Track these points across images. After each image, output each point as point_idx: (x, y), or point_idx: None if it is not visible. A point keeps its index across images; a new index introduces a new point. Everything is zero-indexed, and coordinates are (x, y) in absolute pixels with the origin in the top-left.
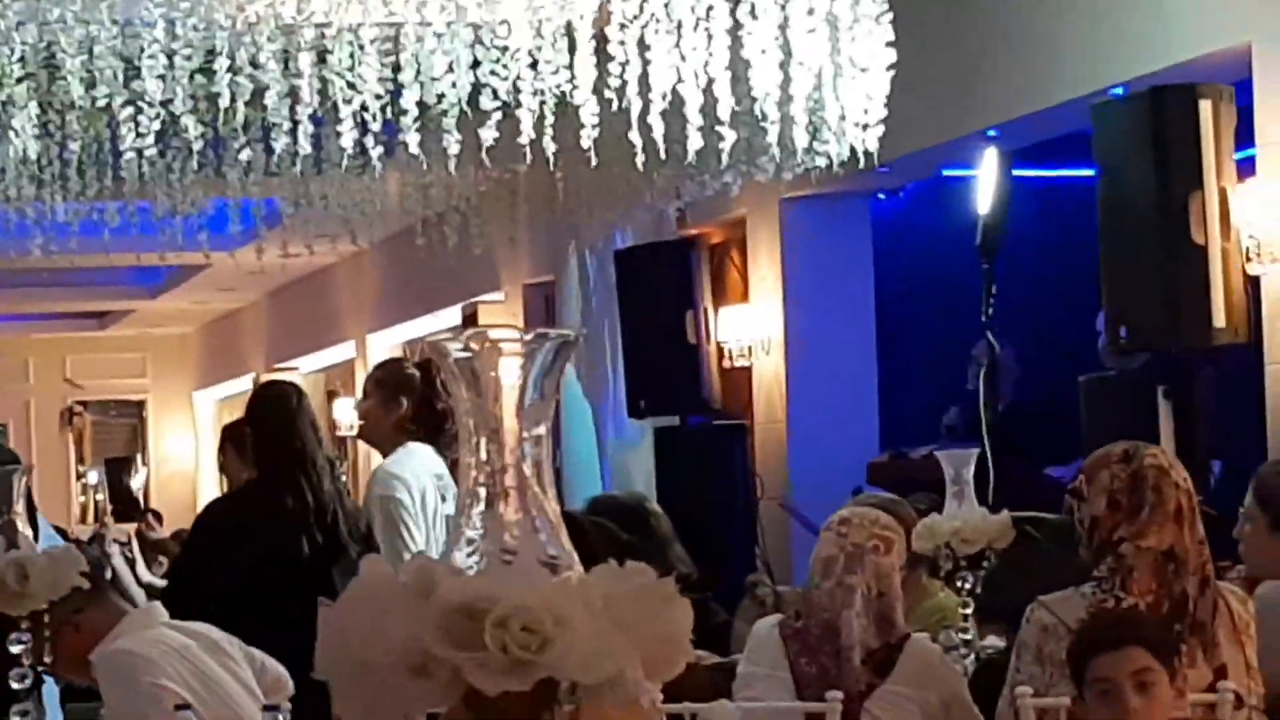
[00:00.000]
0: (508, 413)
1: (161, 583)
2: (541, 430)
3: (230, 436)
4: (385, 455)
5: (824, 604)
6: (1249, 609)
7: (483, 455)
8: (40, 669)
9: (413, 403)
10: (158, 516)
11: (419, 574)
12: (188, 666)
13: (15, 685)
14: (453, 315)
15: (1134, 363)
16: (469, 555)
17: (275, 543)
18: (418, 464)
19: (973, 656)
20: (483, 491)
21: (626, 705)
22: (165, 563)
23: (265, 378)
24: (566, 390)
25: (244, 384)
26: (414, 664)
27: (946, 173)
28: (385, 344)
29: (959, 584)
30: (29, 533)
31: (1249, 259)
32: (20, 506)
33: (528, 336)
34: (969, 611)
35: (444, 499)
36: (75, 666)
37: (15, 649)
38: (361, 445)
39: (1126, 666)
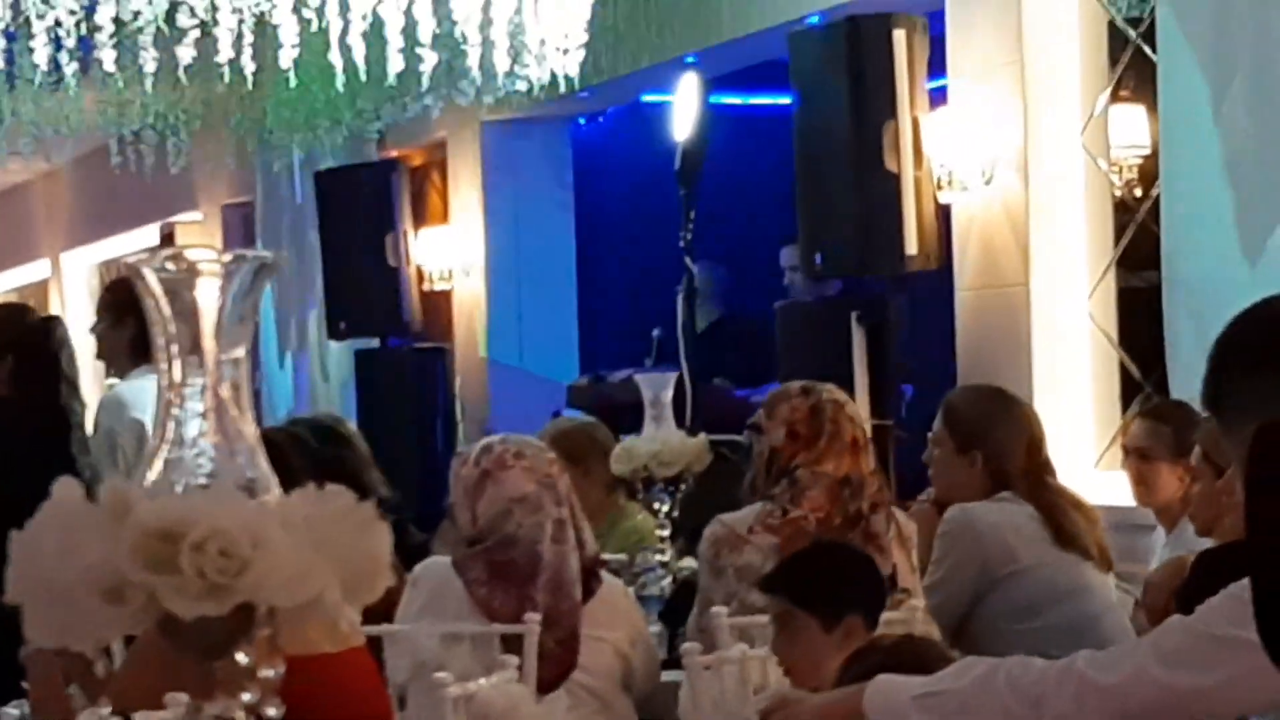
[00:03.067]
0: (206, 334)
1: None
2: (240, 353)
3: None
4: (121, 379)
5: (533, 538)
6: (910, 523)
7: (180, 377)
8: None
9: (139, 324)
10: None
11: (114, 496)
12: None
13: None
14: (150, 235)
15: (828, 290)
16: (166, 478)
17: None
18: (140, 395)
19: (670, 578)
20: (180, 414)
21: (326, 628)
22: None
23: None
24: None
25: None
26: (108, 588)
27: (646, 98)
28: (80, 263)
29: (656, 506)
30: None
31: (940, 187)
32: None
33: (226, 257)
34: (666, 534)
35: None
36: None
37: None
38: None
39: (772, 608)
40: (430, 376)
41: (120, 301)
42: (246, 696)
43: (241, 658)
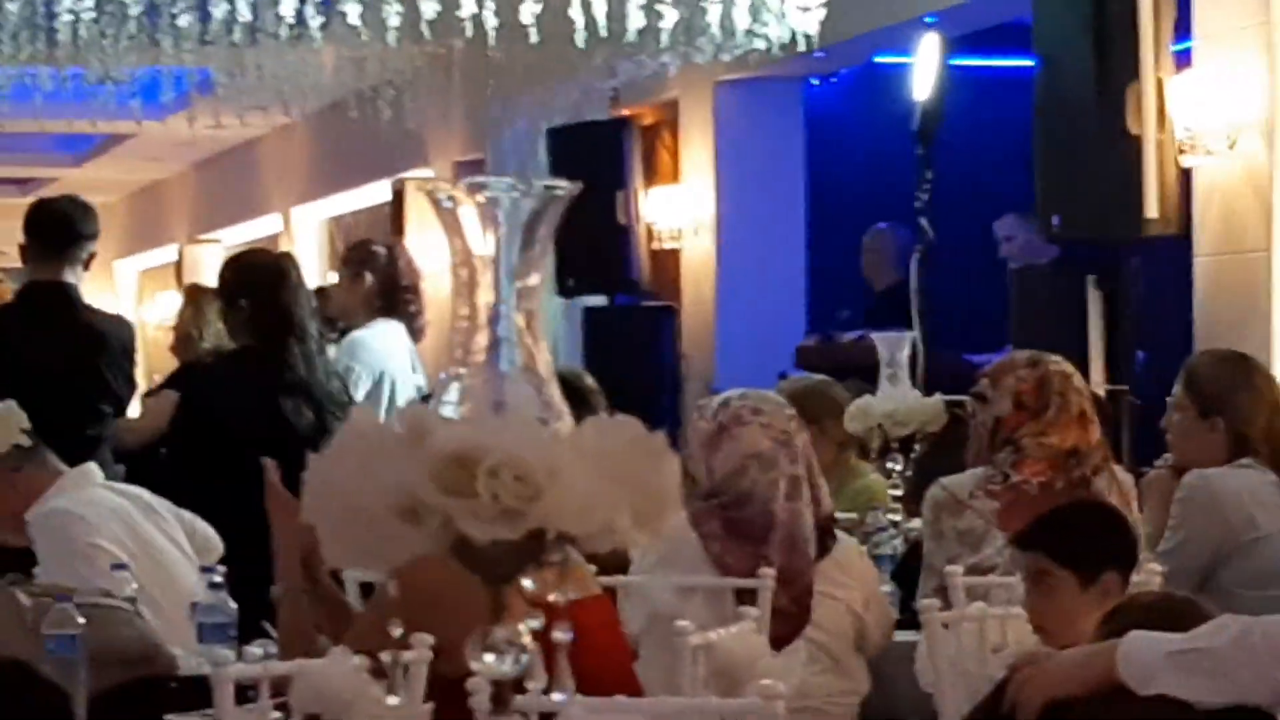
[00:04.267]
0: (500, 262)
1: None
2: (534, 280)
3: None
4: (355, 330)
5: (767, 495)
6: (1128, 478)
7: (474, 305)
8: None
9: (377, 279)
10: None
11: (412, 421)
12: (123, 527)
13: None
14: (381, 190)
15: (1047, 255)
16: (460, 405)
17: (273, 414)
18: (386, 339)
19: (901, 538)
20: (475, 341)
21: (571, 571)
22: None
23: (189, 249)
24: None
25: (167, 254)
26: (403, 509)
27: (879, 59)
28: (311, 217)
29: (889, 466)
30: None
31: (1182, 151)
32: None
33: (518, 185)
34: (899, 493)
35: (414, 370)
36: (11, 525)
37: None
38: None
39: (1028, 567)
40: (657, 335)
41: (356, 258)
42: (534, 622)
43: (529, 584)
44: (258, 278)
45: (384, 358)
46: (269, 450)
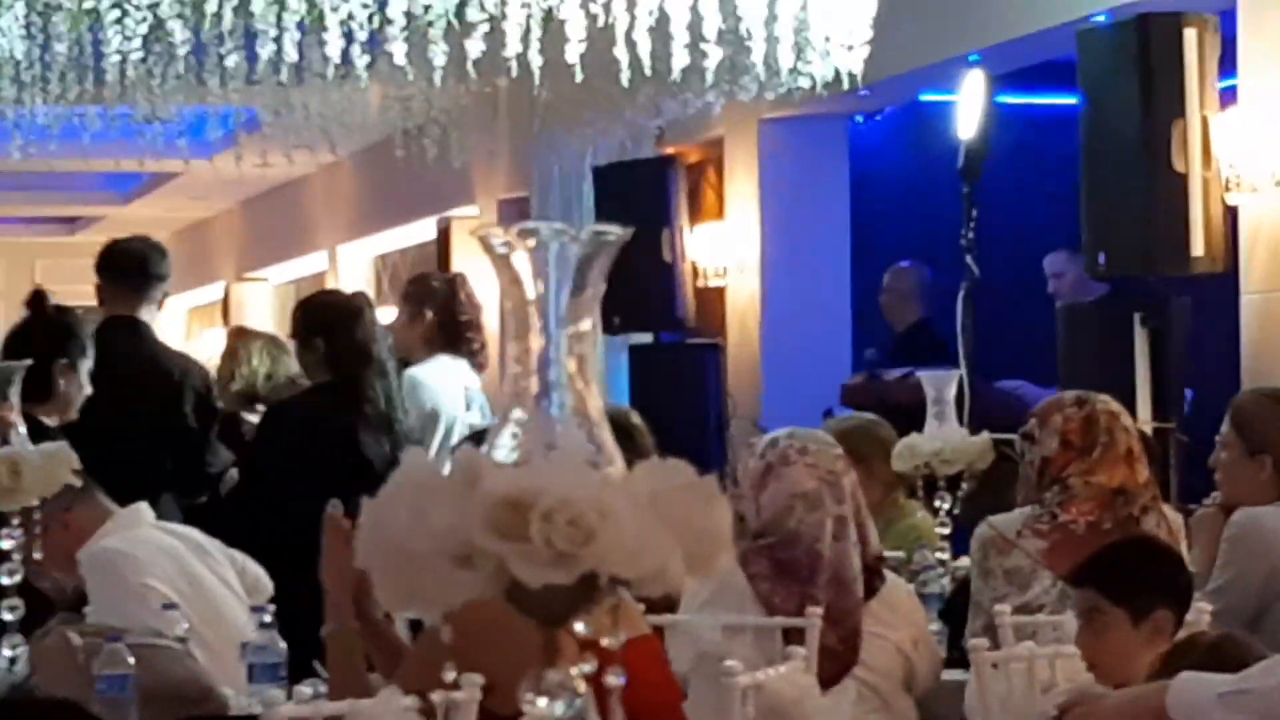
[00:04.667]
0: (550, 307)
1: None
2: (585, 326)
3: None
4: (413, 366)
5: (813, 535)
6: (1177, 516)
7: (526, 349)
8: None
9: (437, 315)
10: None
11: (465, 465)
12: (174, 566)
13: (5, 580)
14: (427, 228)
15: (1097, 293)
16: (512, 450)
17: (352, 448)
18: (441, 375)
19: (948, 577)
20: (526, 386)
21: (624, 610)
22: None
23: (235, 287)
24: None
25: (214, 292)
26: (458, 554)
27: (924, 97)
28: (357, 255)
29: (936, 504)
30: (23, 429)
31: (1228, 188)
32: (14, 402)
33: (569, 231)
34: (947, 532)
35: (469, 408)
36: (63, 564)
37: (6, 545)
38: None
39: (1080, 604)
40: (702, 373)
41: (417, 294)
42: (587, 666)
43: (581, 627)
44: (334, 316)
45: (436, 394)
46: (348, 484)
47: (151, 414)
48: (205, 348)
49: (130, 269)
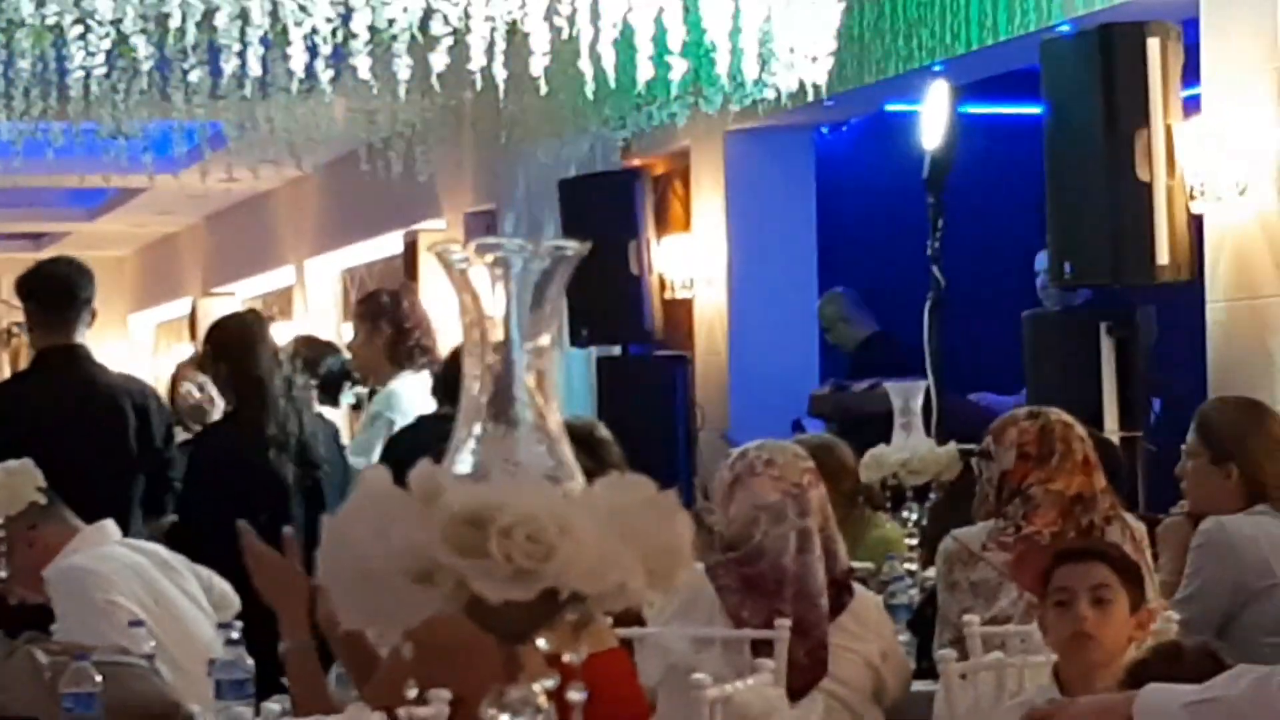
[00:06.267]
0: (511, 323)
1: None
2: (544, 341)
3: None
4: (382, 385)
5: (778, 549)
6: (1140, 526)
7: (485, 365)
8: None
9: (391, 327)
10: None
11: (424, 481)
12: (140, 583)
13: None
14: (394, 242)
15: (1076, 299)
16: (472, 465)
17: (261, 473)
18: (414, 390)
19: (917, 588)
20: (485, 401)
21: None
22: None
23: (203, 301)
24: None
25: (181, 308)
26: (418, 571)
27: (889, 107)
28: (324, 269)
29: (904, 515)
30: None
31: (1193, 197)
32: None
33: (528, 247)
34: (915, 543)
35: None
36: (29, 582)
37: None
38: None
39: (1087, 579)
40: (670, 384)
41: (370, 311)
42: (549, 682)
43: (543, 643)
44: (230, 339)
45: (421, 407)
46: (264, 506)
47: (110, 440)
48: (173, 363)
49: (58, 295)
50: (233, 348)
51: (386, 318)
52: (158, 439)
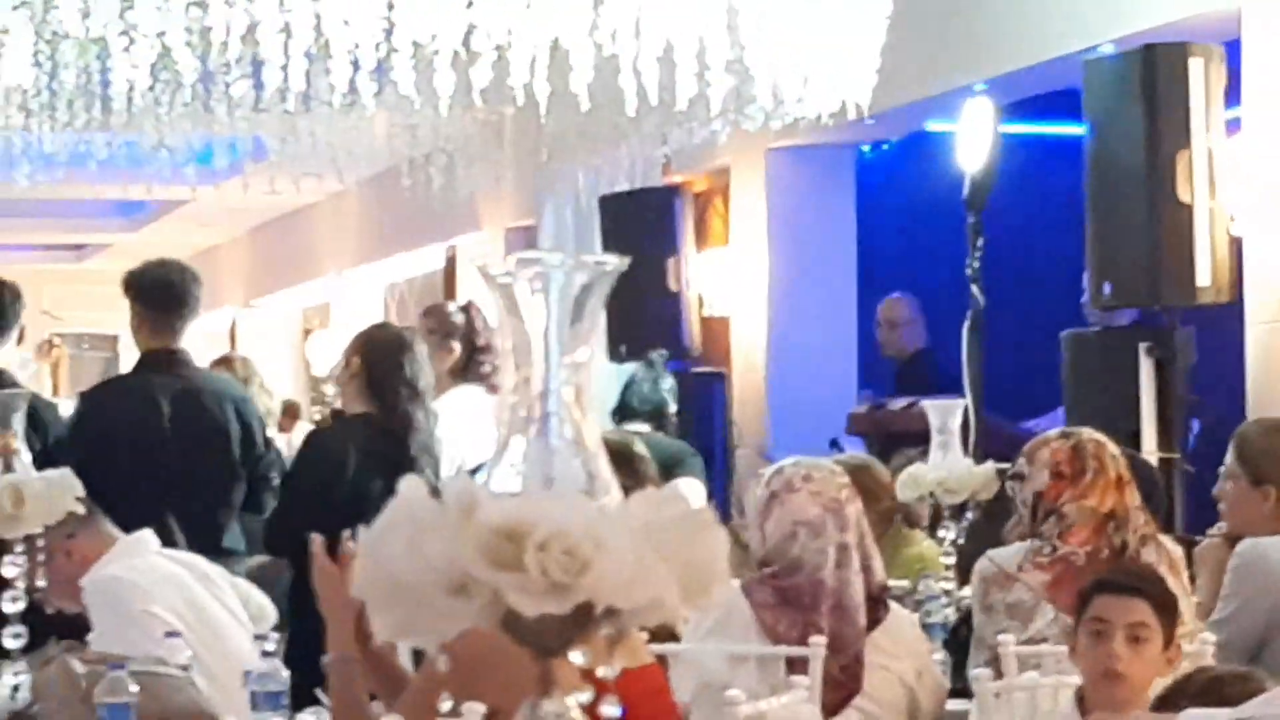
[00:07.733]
0: (550, 337)
1: None
2: (582, 356)
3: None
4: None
5: (816, 563)
6: (1177, 548)
7: (524, 380)
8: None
9: (463, 346)
10: None
11: (460, 495)
12: (178, 594)
13: (8, 608)
14: (434, 256)
15: (1116, 319)
16: (509, 479)
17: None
18: (459, 407)
19: (953, 607)
20: (523, 415)
21: (624, 640)
22: None
23: (242, 314)
24: None
25: (221, 318)
26: (453, 584)
27: (930, 126)
28: (364, 283)
29: (941, 534)
30: (27, 457)
31: (1233, 219)
32: (19, 429)
33: (568, 261)
34: (951, 561)
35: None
36: (67, 592)
37: (9, 572)
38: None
39: (1126, 615)
40: (708, 401)
41: (442, 328)
42: (583, 696)
43: (578, 657)
44: (378, 345)
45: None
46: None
47: (216, 447)
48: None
49: (170, 299)
50: (380, 350)
51: (459, 335)
52: (259, 443)
